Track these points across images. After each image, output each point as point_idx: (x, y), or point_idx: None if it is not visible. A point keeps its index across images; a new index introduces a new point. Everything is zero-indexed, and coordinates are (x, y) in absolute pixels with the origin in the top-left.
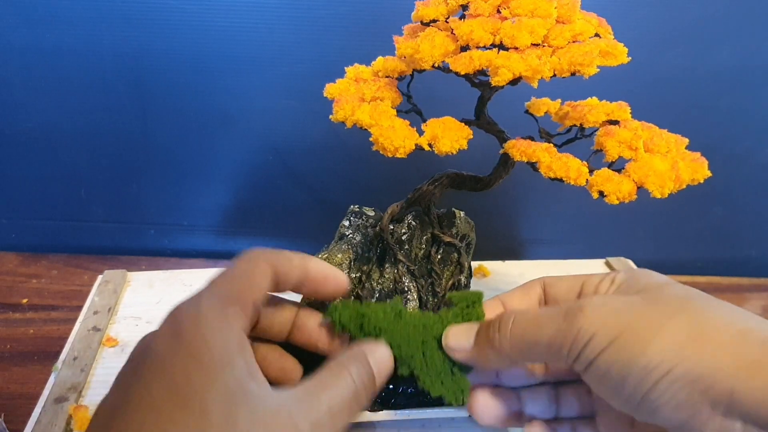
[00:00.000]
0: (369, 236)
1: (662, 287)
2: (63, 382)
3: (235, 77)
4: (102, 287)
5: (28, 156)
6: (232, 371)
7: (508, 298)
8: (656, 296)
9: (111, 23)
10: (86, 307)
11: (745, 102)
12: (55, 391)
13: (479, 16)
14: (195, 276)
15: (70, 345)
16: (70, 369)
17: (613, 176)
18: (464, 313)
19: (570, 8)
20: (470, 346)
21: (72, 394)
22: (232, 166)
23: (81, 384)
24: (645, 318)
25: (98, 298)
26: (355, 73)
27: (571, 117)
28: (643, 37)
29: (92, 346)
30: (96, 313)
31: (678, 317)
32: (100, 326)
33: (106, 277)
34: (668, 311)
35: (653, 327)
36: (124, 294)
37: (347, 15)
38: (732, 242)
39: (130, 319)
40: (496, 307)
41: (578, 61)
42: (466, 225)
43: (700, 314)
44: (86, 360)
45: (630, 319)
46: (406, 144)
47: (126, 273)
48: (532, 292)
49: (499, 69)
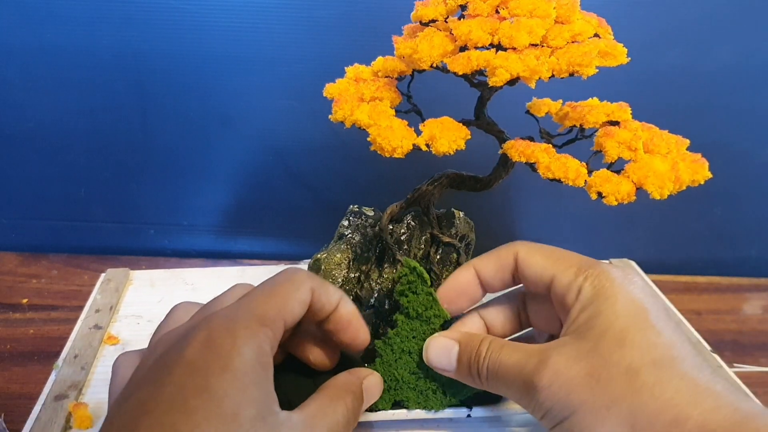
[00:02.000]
0: (368, 236)
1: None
2: (63, 380)
3: (235, 77)
4: (104, 285)
5: (28, 156)
6: (261, 387)
7: (481, 267)
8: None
9: (111, 23)
10: (88, 305)
11: (745, 102)
12: (56, 389)
13: (478, 16)
14: (197, 275)
15: (71, 343)
16: (71, 367)
17: (611, 177)
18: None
19: (569, 8)
20: (453, 368)
21: (72, 391)
22: (232, 166)
23: (81, 382)
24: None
25: (100, 296)
26: (355, 73)
27: (570, 117)
28: (643, 37)
29: (93, 344)
30: (98, 312)
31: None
32: (102, 324)
33: (108, 275)
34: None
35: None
36: (126, 292)
37: (347, 15)
38: (732, 242)
39: (131, 318)
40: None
41: (577, 61)
42: (466, 225)
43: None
44: (87, 358)
45: (580, 399)
46: (404, 144)
47: (128, 271)
48: (505, 262)
49: (496, 69)
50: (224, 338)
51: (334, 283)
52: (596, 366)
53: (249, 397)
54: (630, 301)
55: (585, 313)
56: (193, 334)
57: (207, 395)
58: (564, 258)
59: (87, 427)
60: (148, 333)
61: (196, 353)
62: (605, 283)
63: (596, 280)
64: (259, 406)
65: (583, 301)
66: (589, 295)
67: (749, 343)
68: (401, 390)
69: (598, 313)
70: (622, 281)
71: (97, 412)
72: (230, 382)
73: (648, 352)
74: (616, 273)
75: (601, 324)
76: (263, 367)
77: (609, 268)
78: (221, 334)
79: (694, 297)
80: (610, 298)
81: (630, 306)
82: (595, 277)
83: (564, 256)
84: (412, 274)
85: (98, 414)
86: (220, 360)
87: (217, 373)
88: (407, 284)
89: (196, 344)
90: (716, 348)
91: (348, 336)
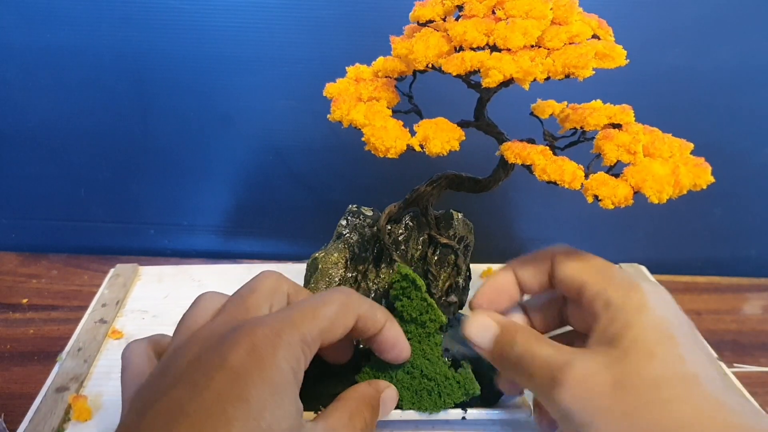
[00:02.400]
0: (366, 236)
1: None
2: (65, 372)
3: (236, 77)
4: (113, 280)
5: (28, 156)
6: (294, 402)
7: (521, 270)
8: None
9: (111, 23)
10: (95, 300)
11: (745, 102)
12: (57, 381)
13: (474, 16)
14: (204, 271)
15: (75, 336)
16: (74, 360)
17: (608, 180)
18: (404, 291)
19: (567, 9)
20: (489, 347)
21: (73, 384)
22: (232, 166)
23: (83, 375)
24: (614, 409)
25: (108, 290)
26: (356, 73)
27: (571, 120)
28: (643, 37)
29: (97, 338)
30: (104, 306)
31: (640, 415)
32: (107, 318)
33: (117, 270)
34: (635, 408)
35: (619, 422)
36: (134, 287)
37: (348, 15)
38: (732, 242)
39: (137, 313)
40: (508, 276)
41: (572, 63)
42: (465, 227)
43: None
44: (90, 351)
45: (603, 405)
46: (398, 144)
47: (137, 267)
48: (542, 265)
49: (489, 70)
50: (267, 350)
51: (332, 283)
52: (623, 375)
53: (284, 412)
54: (660, 316)
55: (615, 324)
56: (236, 339)
57: (246, 406)
58: (597, 267)
59: (86, 419)
60: (152, 328)
61: (239, 361)
62: (635, 295)
63: (626, 292)
64: (292, 421)
65: (612, 311)
66: (618, 305)
67: (749, 343)
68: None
69: (628, 325)
70: (651, 295)
71: (96, 404)
72: (269, 395)
73: (674, 366)
74: (647, 287)
75: (631, 335)
76: (297, 382)
77: (640, 281)
78: (265, 346)
79: (694, 297)
80: (641, 310)
81: (659, 320)
82: (625, 289)
83: (597, 265)
84: (404, 281)
85: (97, 406)
86: (261, 372)
87: (258, 385)
88: (400, 290)
89: (241, 351)
90: (716, 348)
91: (392, 356)
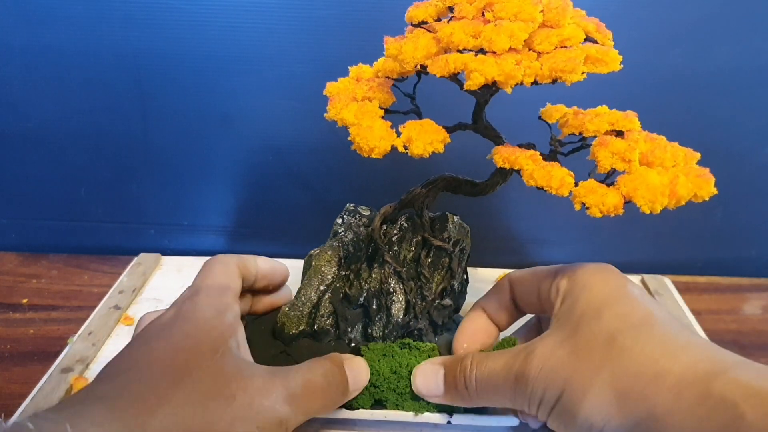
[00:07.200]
0: (360, 235)
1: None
2: (73, 354)
3: (235, 77)
4: (133, 269)
5: (28, 156)
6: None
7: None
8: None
9: (111, 23)
10: (114, 287)
11: (745, 102)
12: (64, 362)
13: (463, 18)
14: None
15: (89, 321)
16: (84, 342)
17: (597, 188)
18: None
19: (558, 13)
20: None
21: (79, 365)
22: (232, 166)
23: (90, 357)
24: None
25: (127, 278)
26: (357, 73)
27: (570, 125)
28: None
29: (109, 323)
30: (121, 293)
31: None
32: (121, 305)
33: (140, 259)
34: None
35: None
36: (153, 276)
37: (348, 15)
38: (732, 242)
39: (152, 301)
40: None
41: (560, 67)
42: (461, 230)
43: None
44: (100, 336)
45: (566, 375)
46: (381, 145)
47: (159, 257)
48: (503, 293)
49: (471, 73)
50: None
51: (324, 280)
52: (578, 343)
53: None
54: (605, 283)
55: (565, 305)
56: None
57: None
58: (545, 269)
59: None
60: None
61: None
62: (581, 275)
63: (572, 275)
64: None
65: (562, 295)
66: (566, 288)
67: (749, 343)
68: (381, 388)
69: (576, 300)
70: (596, 270)
71: None
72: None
73: (624, 319)
74: (590, 265)
75: (580, 307)
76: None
77: (584, 264)
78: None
79: (694, 297)
80: (587, 285)
81: (605, 286)
82: (571, 273)
83: (545, 269)
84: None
85: None
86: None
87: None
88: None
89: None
90: None
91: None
